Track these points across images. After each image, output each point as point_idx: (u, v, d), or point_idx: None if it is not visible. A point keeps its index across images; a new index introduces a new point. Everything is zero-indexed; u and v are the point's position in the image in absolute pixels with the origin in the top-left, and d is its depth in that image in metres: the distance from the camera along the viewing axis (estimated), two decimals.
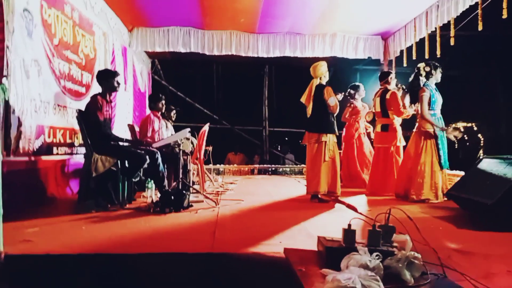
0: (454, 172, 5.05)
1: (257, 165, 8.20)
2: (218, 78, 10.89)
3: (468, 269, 2.08)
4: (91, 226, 2.91)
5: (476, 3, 4.59)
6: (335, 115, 4.36)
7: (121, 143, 3.98)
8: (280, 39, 7.13)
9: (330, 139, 4.28)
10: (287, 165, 8.64)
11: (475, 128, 11.82)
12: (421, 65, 4.44)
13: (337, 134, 4.42)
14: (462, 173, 4.94)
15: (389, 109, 4.88)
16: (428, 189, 4.26)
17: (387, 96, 4.89)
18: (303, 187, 5.75)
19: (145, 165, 3.79)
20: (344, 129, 6.15)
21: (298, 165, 8.62)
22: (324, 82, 4.42)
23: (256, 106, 10.55)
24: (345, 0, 5.58)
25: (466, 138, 12.07)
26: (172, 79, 9.92)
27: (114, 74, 3.92)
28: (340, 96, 4.41)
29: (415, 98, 4.43)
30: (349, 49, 7.19)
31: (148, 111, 5.28)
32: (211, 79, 10.84)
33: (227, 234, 2.76)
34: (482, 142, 11.71)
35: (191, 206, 3.72)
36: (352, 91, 5.91)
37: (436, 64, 4.45)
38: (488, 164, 3.47)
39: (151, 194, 4.08)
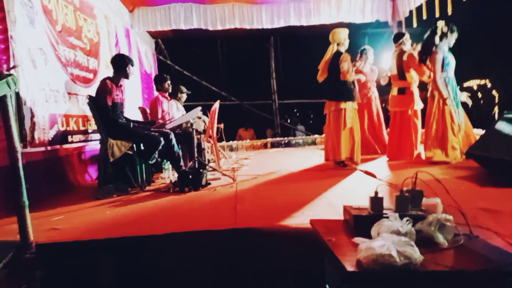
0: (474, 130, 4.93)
1: (269, 139, 8.15)
2: (223, 54, 10.74)
3: (495, 228, 2.05)
4: (115, 210, 2.95)
5: None
6: (351, 81, 4.34)
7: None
8: (284, 8, 6.93)
9: (349, 106, 4.30)
10: (299, 137, 8.58)
11: (489, 85, 11.53)
12: (441, 23, 4.23)
13: (359, 101, 4.49)
14: (480, 131, 4.85)
15: (406, 71, 4.73)
16: (443, 150, 4.19)
17: (404, 57, 4.72)
18: (317, 157, 5.73)
19: (160, 147, 3.79)
20: None
21: (311, 136, 8.55)
22: (342, 50, 4.38)
23: (263, 79, 10.41)
24: None
25: (480, 96, 11.81)
26: (177, 58, 9.81)
27: (131, 61, 3.88)
28: (359, 64, 4.38)
29: (426, 56, 4.28)
30: (356, 13, 6.96)
31: (156, 93, 5.24)
32: (216, 55, 10.70)
33: (248, 209, 2.77)
34: (496, 99, 11.43)
35: (209, 184, 3.74)
36: (358, 55, 5.71)
37: (455, 27, 4.24)
38: (510, 121, 3.37)
39: (169, 174, 4.10)
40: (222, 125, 5.54)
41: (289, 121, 11.76)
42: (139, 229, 2.38)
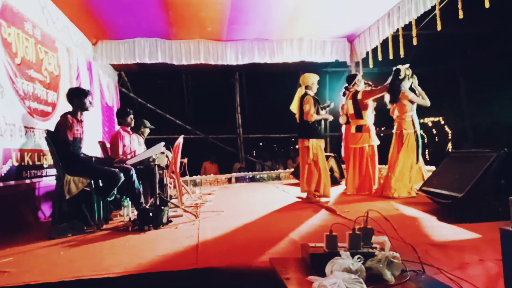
0: (427, 167, 5.23)
1: (234, 174, 8.15)
2: (188, 88, 10.83)
3: (444, 262, 2.17)
4: (69, 250, 2.82)
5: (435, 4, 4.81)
6: (314, 121, 4.63)
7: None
8: (248, 46, 7.18)
9: (313, 143, 4.64)
10: (264, 172, 8.65)
11: (442, 122, 12.35)
12: (403, 67, 4.62)
13: (323, 137, 4.82)
14: (434, 168, 5.16)
15: (363, 110, 5.03)
16: (402, 186, 4.41)
17: (359, 96, 5.03)
18: (281, 192, 5.82)
19: (120, 183, 3.70)
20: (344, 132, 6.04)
21: (275, 171, 8.66)
22: (311, 93, 4.72)
23: (229, 113, 10.56)
24: (310, 5, 5.71)
25: (435, 132, 12.60)
26: (140, 91, 9.79)
27: (86, 93, 3.82)
28: (331, 104, 4.87)
29: (395, 97, 4.63)
30: (317, 53, 7.34)
31: (117, 127, 5.17)
32: (181, 89, 10.77)
33: (210, 247, 2.74)
34: (450, 135, 12.23)
35: (171, 221, 3.67)
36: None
37: (413, 73, 4.66)
38: (456, 159, 3.64)
39: (128, 212, 3.98)
40: (185, 160, 5.51)
41: (254, 154, 11.89)
42: (95, 270, 2.28)
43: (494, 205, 3.02)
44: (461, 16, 4.43)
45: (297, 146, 4.83)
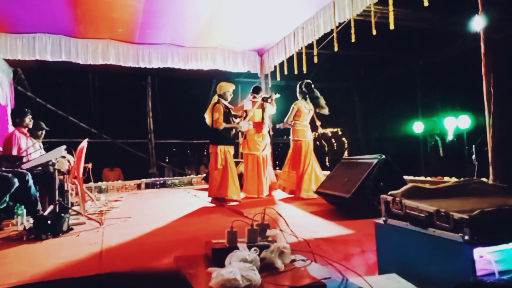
0: (324, 172, 5.79)
1: (144, 180, 7.92)
2: (94, 89, 10.24)
3: (332, 253, 2.51)
4: None
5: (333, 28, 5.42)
6: (223, 128, 4.88)
7: None
8: (162, 50, 7.12)
9: (221, 149, 4.87)
10: (175, 177, 8.58)
11: (340, 133, 13.68)
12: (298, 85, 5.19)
13: (233, 144, 5.04)
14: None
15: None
16: (306, 189, 4.88)
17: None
18: (192, 197, 5.88)
19: (14, 189, 3.40)
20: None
21: (187, 176, 8.65)
22: (223, 102, 4.96)
23: (140, 118, 10.25)
24: (223, 17, 5.94)
25: (333, 142, 13.90)
26: (40, 90, 8.98)
27: None
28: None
29: (320, 107, 5.22)
30: (230, 63, 7.61)
31: (11, 128, 4.71)
32: (87, 89, 10.13)
33: (115, 253, 2.71)
34: (346, 144, 13.61)
35: (72, 229, 3.48)
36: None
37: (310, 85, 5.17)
38: (346, 164, 4.16)
39: (23, 221, 3.67)
40: (90, 165, 5.23)
41: (167, 160, 11.70)
42: None
43: (375, 204, 3.52)
44: (353, 40, 5.06)
45: (210, 152, 4.98)
